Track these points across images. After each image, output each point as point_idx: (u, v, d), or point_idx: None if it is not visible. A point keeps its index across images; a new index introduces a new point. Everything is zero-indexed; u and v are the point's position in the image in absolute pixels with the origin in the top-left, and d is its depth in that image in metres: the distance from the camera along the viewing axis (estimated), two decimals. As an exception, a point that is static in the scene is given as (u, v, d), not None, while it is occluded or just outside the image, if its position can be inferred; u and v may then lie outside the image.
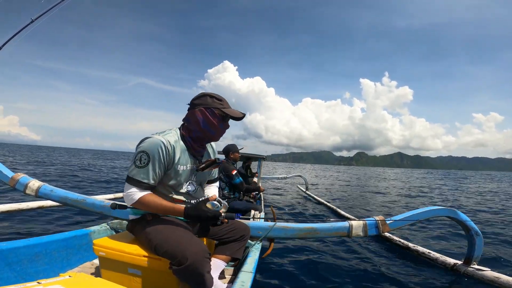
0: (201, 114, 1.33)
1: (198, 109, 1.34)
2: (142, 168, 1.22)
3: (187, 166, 1.35)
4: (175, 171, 1.31)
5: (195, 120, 1.34)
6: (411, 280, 2.34)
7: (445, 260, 2.56)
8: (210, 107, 1.34)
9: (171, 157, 1.28)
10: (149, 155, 1.22)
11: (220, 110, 1.34)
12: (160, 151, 1.23)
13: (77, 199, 2.22)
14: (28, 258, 1.44)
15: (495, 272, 2.16)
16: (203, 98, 1.36)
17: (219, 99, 1.36)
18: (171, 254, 1.13)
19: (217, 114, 1.34)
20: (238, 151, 3.52)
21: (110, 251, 1.29)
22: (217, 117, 1.34)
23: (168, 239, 1.18)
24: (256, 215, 3.19)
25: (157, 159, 1.23)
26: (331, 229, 2.05)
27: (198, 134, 1.37)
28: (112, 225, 2.11)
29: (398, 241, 3.24)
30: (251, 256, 1.64)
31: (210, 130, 1.35)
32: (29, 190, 2.21)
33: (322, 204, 6.77)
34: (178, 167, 1.31)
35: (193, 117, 1.35)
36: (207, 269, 1.13)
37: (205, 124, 1.34)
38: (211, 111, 1.33)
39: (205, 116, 1.33)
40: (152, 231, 1.25)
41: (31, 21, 2.50)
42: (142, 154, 1.23)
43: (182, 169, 1.33)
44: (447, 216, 2.22)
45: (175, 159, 1.29)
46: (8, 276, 1.33)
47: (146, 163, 1.22)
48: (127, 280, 1.28)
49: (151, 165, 1.23)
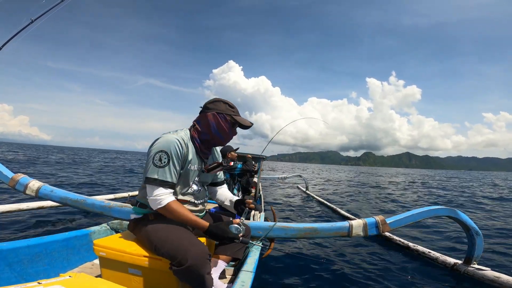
0: (213, 118, 1.37)
1: (211, 113, 1.38)
2: (163, 168, 1.23)
3: (195, 167, 1.38)
4: (186, 170, 1.33)
5: (206, 123, 1.38)
6: (411, 280, 2.34)
7: (445, 260, 2.56)
8: (222, 113, 1.38)
9: (185, 156, 1.31)
10: (168, 154, 1.24)
11: (231, 117, 1.39)
12: (177, 148, 1.26)
13: (77, 200, 2.23)
14: (29, 258, 1.44)
15: (495, 272, 2.16)
16: (217, 103, 1.41)
17: (232, 107, 1.42)
18: (171, 255, 1.14)
19: (228, 120, 1.39)
20: (234, 150, 3.59)
21: (110, 251, 1.29)
22: (228, 123, 1.39)
23: (169, 240, 1.19)
24: (256, 215, 3.19)
25: (175, 157, 1.25)
26: (331, 229, 2.05)
27: (207, 137, 1.40)
28: (112, 225, 2.11)
29: (398, 241, 3.24)
30: (251, 256, 1.64)
31: (219, 135, 1.39)
32: (29, 191, 2.21)
33: (322, 203, 6.77)
34: (189, 166, 1.34)
35: (205, 120, 1.39)
36: (207, 270, 1.14)
37: (216, 129, 1.38)
38: (223, 117, 1.38)
39: (216, 120, 1.37)
40: (153, 231, 1.26)
41: (31, 21, 2.51)
42: (162, 154, 1.23)
43: (192, 168, 1.36)
44: (447, 215, 2.22)
45: (188, 158, 1.32)
46: (9, 276, 1.33)
47: (166, 162, 1.23)
48: (127, 280, 1.28)
49: (172, 164, 1.24)
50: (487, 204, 7.81)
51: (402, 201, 8.38)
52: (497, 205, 7.63)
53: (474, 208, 6.98)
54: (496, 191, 12.73)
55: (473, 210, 6.75)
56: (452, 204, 7.97)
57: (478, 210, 6.70)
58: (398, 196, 9.75)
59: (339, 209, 5.62)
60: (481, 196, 10.02)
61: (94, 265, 1.68)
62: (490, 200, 9.00)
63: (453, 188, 14.18)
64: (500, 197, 9.88)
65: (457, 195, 10.36)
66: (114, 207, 2.17)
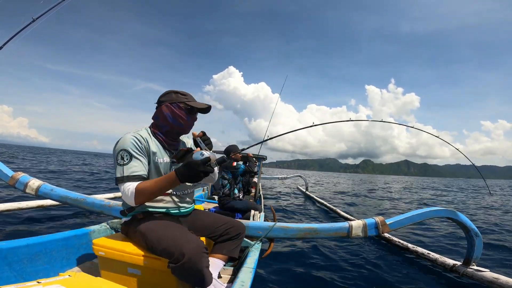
0: (168, 109, 1.40)
1: (164, 105, 1.41)
2: (127, 164, 1.26)
3: (164, 159, 1.39)
4: (155, 164, 1.35)
5: (162, 116, 1.41)
6: (410, 281, 2.34)
7: (445, 261, 2.56)
8: (175, 101, 1.41)
9: (147, 148, 1.33)
10: (127, 151, 1.27)
11: (184, 104, 1.41)
12: (134, 143, 1.29)
13: (77, 198, 2.22)
14: (28, 257, 1.43)
15: (494, 273, 2.16)
16: (168, 95, 1.44)
17: (183, 94, 1.45)
18: (168, 252, 1.13)
19: (183, 107, 1.41)
20: (239, 152, 3.55)
21: (109, 251, 1.29)
22: (183, 110, 1.41)
23: (164, 238, 1.18)
24: (256, 215, 3.19)
25: (135, 151, 1.28)
26: (331, 229, 2.05)
27: (167, 128, 1.42)
28: (112, 225, 2.11)
29: (397, 242, 3.24)
30: (251, 256, 1.64)
31: (178, 123, 1.41)
32: (29, 189, 2.21)
33: (322, 204, 6.77)
34: (156, 159, 1.36)
35: (160, 113, 1.42)
36: (205, 264, 1.13)
37: (172, 118, 1.40)
38: (176, 105, 1.41)
39: (171, 110, 1.40)
40: (147, 231, 1.26)
41: (33, 20, 2.50)
42: (122, 152, 1.27)
43: (160, 161, 1.37)
44: (446, 217, 2.22)
45: (150, 151, 1.34)
46: (8, 276, 1.33)
47: (129, 158, 1.26)
48: (126, 280, 1.28)
49: (134, 158, 1.27)
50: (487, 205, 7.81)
51: (402, 202, 8.38)
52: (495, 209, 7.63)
53: (473, 211, 6.97)
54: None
55: (472, 212, 6.75)
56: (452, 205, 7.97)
57: (478, 210, 6.70)
58: (396, 199, 9.74)
59: (338, 210, 5.62)
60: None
61: (93, 264, 1.68)
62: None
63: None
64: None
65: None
66: (114, 206, 2.17)
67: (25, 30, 2.50)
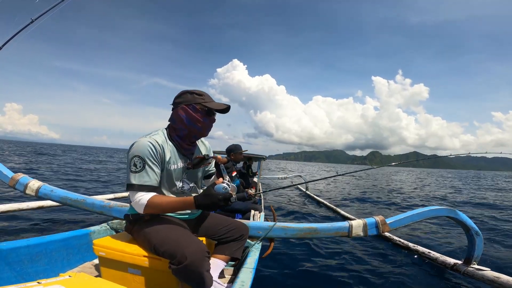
0: (184, 111, 1.35)
1: (180, 107, 1.35)
2: (139, 172, 1.23)
3: (178, 165, 1.36)
4: (167, 170, 1.32)
5: (179, 118, 1.35)
6: (411, 280, 2.34)
7: (445, 260, 2.56)
8: (191, 103, 1.35)
9: (162, 156, 1.29)
10: (141, 158, 1.23)
11: (201, 105, 1.35)
12: (150, 150, 1.24)
13: (77, 199, 2.22)
14: (28, 258, 1.43)
15: (495, 272, 2.15)
16: (183, 96, 1.37)
17: (200, 94, 1.37)
18: (170, 253, 1.13)
19: (199, 109, 1.35)
20: (241, 152, 3.50)
21: (110, 251, 1.28)
22: (200, 112, 1.35)
23: (167, 239, 1.19)
24: (256, 215, 3.19)
25: (151, 159, 1.24)
26: (331, 229, 2.05)
27: (184, 131, 1.38)
28: (112, 225, 2.11)
29: (398, 241, 3.24)
30: (251, 256, 1.64)
31: (195, 126, 1.36)
32: (29, 190, 2.21)
33: (322, 203, 6.77)
34: (169, 166, 1.32)
35: (176, 116, 1.36)
36: (206, 268, 1.13)
37: (189, 121, 1.35)
38: (192, 107, 1.34)
39: (187, 113, 1.34)
40: (151, 231, 1.26)
41: (31, 21, 2.50)
42: (136, 159, 1.23)
43: (173, 168, 1.34)
44: (447, 216, 2.22)
45: (165, 158, 1.30)
46: (8, 276, 1.33)
47: (142, 166, 1.23)
48: (127, 280, 1.28)
49: (148, 167, 1.24)
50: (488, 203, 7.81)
51: (407, 199, 8.38)
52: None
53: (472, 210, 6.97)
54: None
55: (472, 211, 6.75)
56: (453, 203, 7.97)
57: (477, 211, 6.70)
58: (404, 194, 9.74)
59: (339, 209, 5.62)
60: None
61: (93, 265, 1.68)
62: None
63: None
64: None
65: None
66: (114, 207, 2.16)
67: (24, 31, 2.50)
